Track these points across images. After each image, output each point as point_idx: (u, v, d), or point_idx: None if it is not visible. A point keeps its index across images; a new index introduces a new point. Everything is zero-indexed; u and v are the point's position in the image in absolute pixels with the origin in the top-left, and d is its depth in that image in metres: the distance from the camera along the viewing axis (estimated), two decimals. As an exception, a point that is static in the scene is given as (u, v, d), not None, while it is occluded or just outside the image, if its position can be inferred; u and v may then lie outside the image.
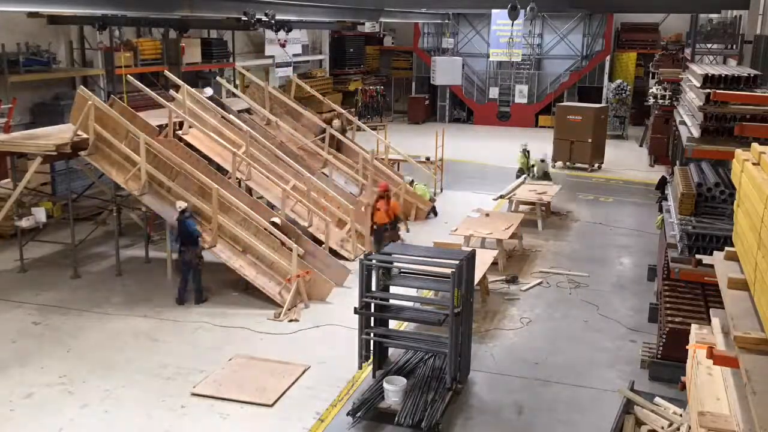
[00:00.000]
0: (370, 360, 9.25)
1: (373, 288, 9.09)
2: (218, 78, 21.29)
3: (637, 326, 11.39)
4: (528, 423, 8.67)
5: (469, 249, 10.80)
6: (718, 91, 9.13)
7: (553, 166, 23.57)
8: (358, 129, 21.20)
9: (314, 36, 31.55)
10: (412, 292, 10.40)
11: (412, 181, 18.26)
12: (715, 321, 4.92)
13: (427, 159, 20.81)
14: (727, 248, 5.25)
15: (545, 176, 21.22)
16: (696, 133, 9.55)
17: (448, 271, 8.56)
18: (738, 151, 4.96)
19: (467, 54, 32.83)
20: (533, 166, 21.37)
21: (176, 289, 12.06)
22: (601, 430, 8.29)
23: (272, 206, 14.33)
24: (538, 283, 13.18)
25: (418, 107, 33.30)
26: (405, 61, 35.79)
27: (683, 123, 11.19)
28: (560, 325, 11.53)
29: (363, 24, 30.62)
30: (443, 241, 13.31)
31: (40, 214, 14.00)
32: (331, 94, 28.44)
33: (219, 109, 15.70)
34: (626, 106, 29.27)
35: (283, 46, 25.06)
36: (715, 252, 5.63)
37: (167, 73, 16.84)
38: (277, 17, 16.91)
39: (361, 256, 9.16)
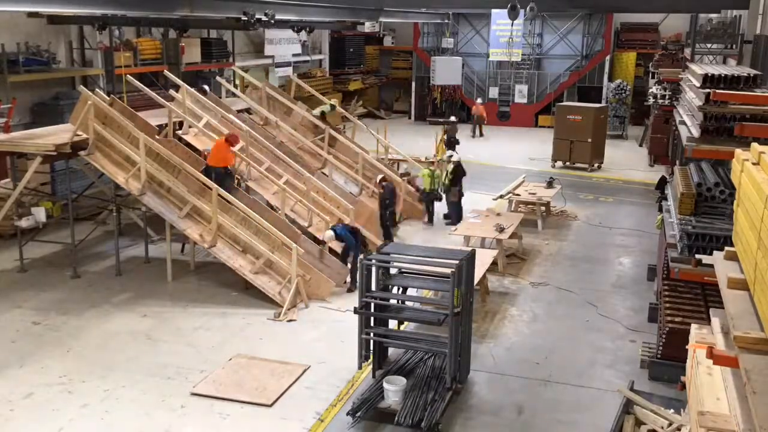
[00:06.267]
0: (370, 360, 9.24)
1: (373, 288, 9.09)
2: (218, 78, 21.30)
3: (637, 326, 11.39)
4: (528, 423, 8.66)
5: (469, 249, 10.79)
6: (717, 90, 9.12)
7: (553, 166, 23.56)
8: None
9: (314, 36, 31.55)
10: (412, 291, 10.39)
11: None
12: (715, 321, 4.92)
13: (426, 159, 20.79)
14: (727, 248, 5.26)
15: None
16: (696, 133, 9.55)
17: (448, 271, 8.56)
18: (738, 151, 4.97)
19: (467, 54, 32.84)
20: None
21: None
22: (601, 430, 8.29)
23: (272, 206, 14.31)
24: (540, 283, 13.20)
25: (419, 107, 33.31)
26: (405, 60, 35.81)
27: (683, 123, 11.18)
28: (560, 325, 11.53)
29: (363, 24, 30.62)
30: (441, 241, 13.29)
31: (40, 214, 14.01)
32: (331, 94, 28.44)
33: (219, 108, 15.69)
34: (626, 106, 29.27)
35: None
36: (715, 252, 5.63)
37: (167, 73, 16.83)
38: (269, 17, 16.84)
39: (361, 257, 9.16)
